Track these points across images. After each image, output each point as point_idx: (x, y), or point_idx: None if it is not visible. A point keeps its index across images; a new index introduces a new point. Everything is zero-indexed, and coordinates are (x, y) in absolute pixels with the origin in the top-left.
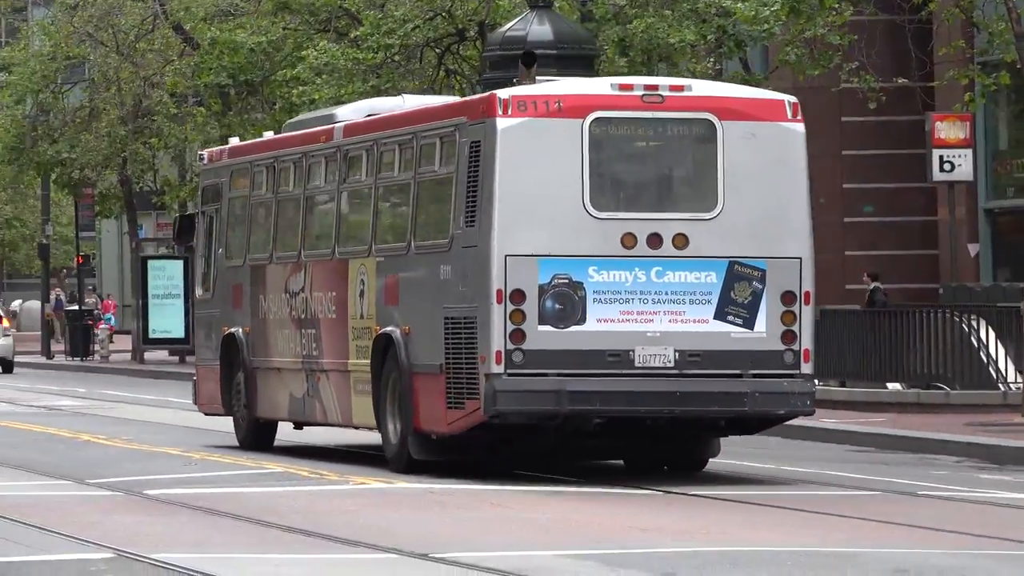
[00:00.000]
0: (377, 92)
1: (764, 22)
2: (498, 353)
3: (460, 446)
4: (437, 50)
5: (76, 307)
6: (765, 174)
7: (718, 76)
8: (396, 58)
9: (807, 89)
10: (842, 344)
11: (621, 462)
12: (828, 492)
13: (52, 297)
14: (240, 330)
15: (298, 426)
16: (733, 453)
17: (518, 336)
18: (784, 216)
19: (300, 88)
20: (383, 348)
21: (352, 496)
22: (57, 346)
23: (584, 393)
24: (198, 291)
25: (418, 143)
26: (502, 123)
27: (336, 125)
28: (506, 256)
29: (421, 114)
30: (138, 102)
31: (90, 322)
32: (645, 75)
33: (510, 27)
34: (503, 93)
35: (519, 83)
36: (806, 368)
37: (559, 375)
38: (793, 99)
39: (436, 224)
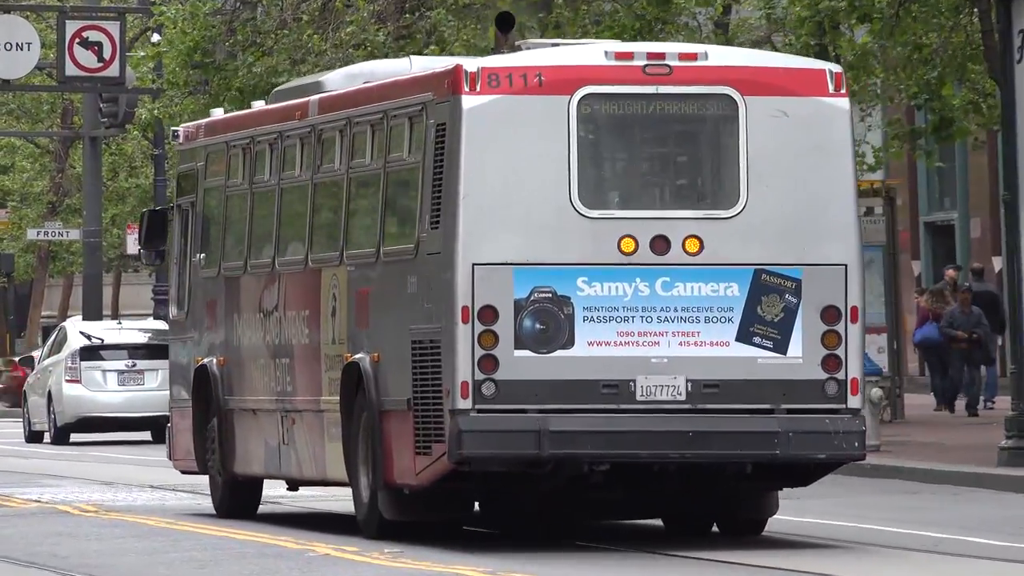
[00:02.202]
0: None
1: None
2: (464, 384)
3: (438, 502)
4: None
5: None
6: (800, 161)
7: None
8: None
9: None
10: None
11: (660, 522)
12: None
13: None
14: (215, 361)
15: (292, 487)
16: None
17: (489, 364)
18: (824, 213)
19: None
20: (355, 381)
21: None
22: None
23: (571, 434)
24: (172, 310)
25: (388, 124)
26: (469, 101)
27: (311, 99)
28: (473, 265)
29: (391, 87)
30: None
31: None
32: None
33: None
34: (470, 64)
35: (495, 52)
36: (854, 402)
37: (540, 412)
38: (836, 68)
39: (403, 226)
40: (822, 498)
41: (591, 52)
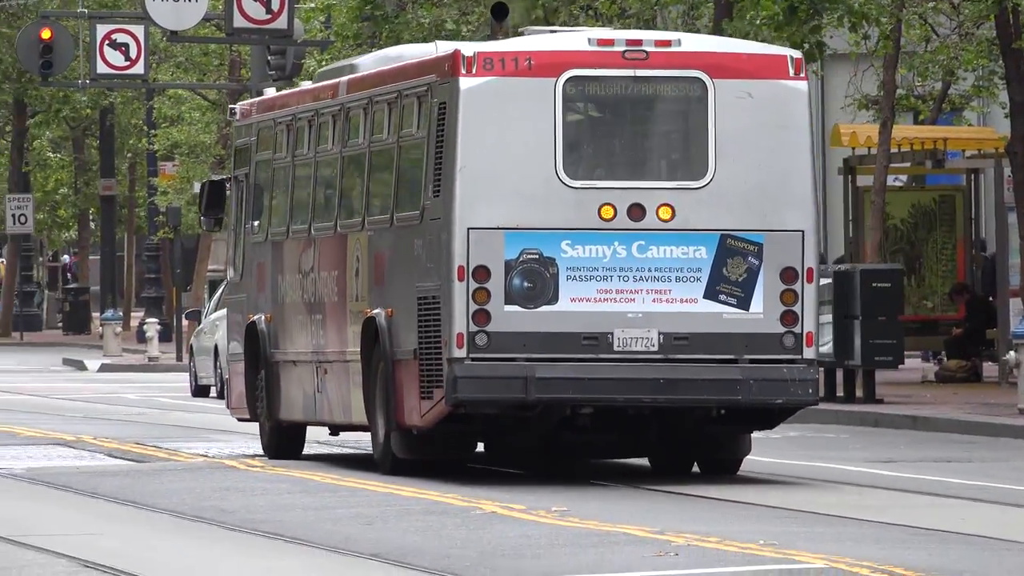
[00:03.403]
0: None
1: None
2: (459, 336)
3: (442, 442)
4: None
5: None
6: (763, 138)
7: None
8: None
9: None
10: None
11: (646, 461)
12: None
13: None
14: (262, 318)
15: (334, 431)
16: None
17: (482, 317)
18: (784, 184)
19: None
20: (373, 334)
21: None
22: None
23: (555, 380)
24: (229, 272)
25: (401, 103)
26: (465, 83)
27: (342, 80)
28: (468, 229)
29: (403, 70)
30: None
31: None
32: None
33: None
34: (467, 49)
35: (491, 38)
36: (808, 353)
37: (527, 360)
38: (797, 54)
39: (412, 194)
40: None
41: (576, 39)
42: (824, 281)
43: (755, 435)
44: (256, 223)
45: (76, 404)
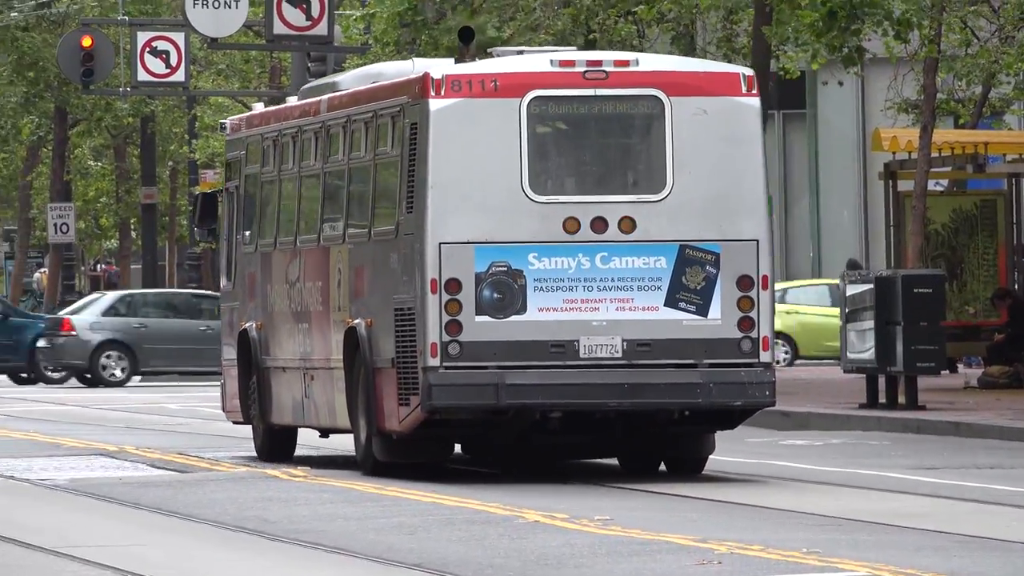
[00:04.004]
0: None
1: None
2: (433, 345)
3: (420, 446)
4: None
5: None
6: (717, 152)
7: None
8: None
9: None
10: None
11: (615, 461)
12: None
13: None
14: (253, 325)
15: (324, 434)
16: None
17: (454, 328)
18: (738, 196)
19: None
20: (354, 343)
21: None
22: None
23: (524, 386)
24: (222, 281)
25: (376, 122)
26: (435, 104)
27: (323, 98)
28: (440, 244)
29: (378, 91)
30: None
31: None
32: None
33: None
34: (436, 72)
35: (459, 61)
36: (765, 356)
37: (498, 368)
38: (749, 72)
39: (387, 210)
40: None
41: (539, 60)
42: (865, 287)
43: (798, 442)
44: (247, 234)
45: (118, 414)
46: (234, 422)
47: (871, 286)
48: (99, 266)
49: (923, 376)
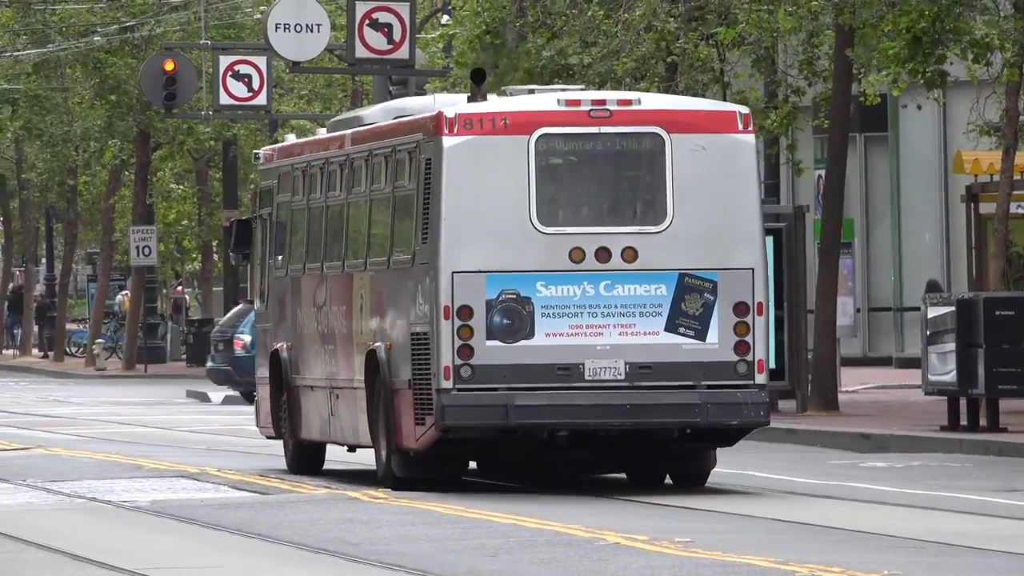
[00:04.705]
0: None
1: None
2: (446, 368)
3: (436, 462)
4: None
5: None
6: (715, 186)
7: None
8: None
9: None
10: None
11: (623, 476)
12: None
13: None
14: (284, 346)
15: (351, 449)
16: None
17: (466, 352)
18: (735, 227)
19: None
20: (375, 365)
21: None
22: None
23: (533, 407)
24: (256, 304)
25: (395, 156)
26: (448, 141)
27: (348, 132)
28: (453, 273)
29: (396, 127)
30: None
31: None
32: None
33: None
34: (449, 111)
35: (471, 100)
36: (760, 378)
37: (508, 389)
38: (745, 110)
39: (405, 240)
40: None
41: (546, 100)
42: (946, 309)
43: (878, 464)
44: (279, 259)
45: (200, 436)
46: (267, 437)
47: (952, 308)
48: (178, 288)
49: (1005, 398)
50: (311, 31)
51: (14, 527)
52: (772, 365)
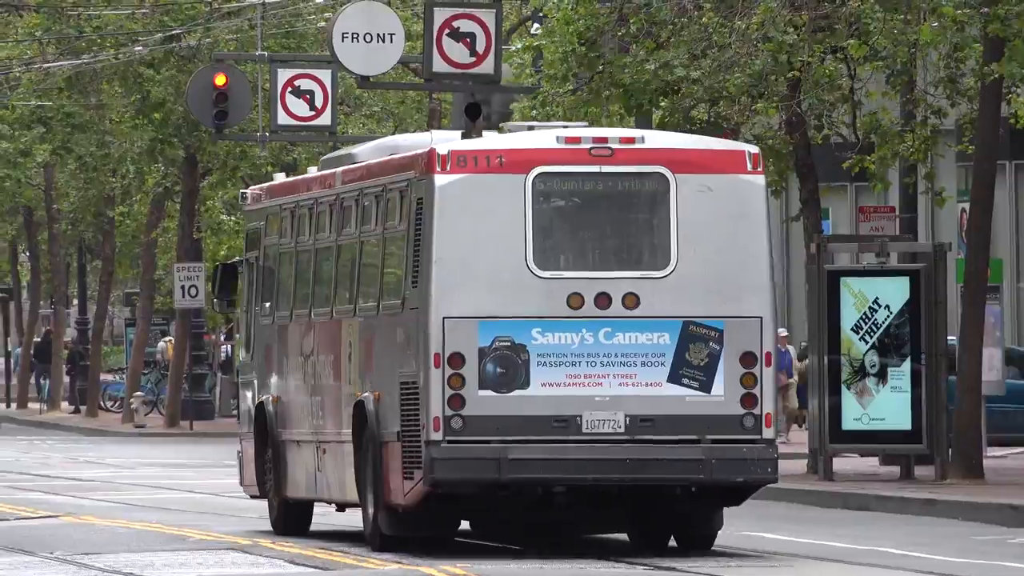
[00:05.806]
0: None
1: None
2: (436, 419)
3: (426, 520)
4: None
5: None
6: (722, 229)
7: None
8: None
9: None
10: None
11: (624, 536)
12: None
13: None
14: (270, 399)
15: (340, 508)
16: None
17: (457, 402)
18: (743, 273)
19: None
20: (363, 416)
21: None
22: None
23: (527, 461)
24: (241, 353)
25: (386, 196)
26: (440, 179)
27: (338, 170)
28: (444, 318)
29: (387, 165)
30: None
31: None
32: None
33: None
34: (442, 148)
35: (465, 136)
36: (768, 433)
37: (501, 442)
38: (754, 149)
39: (394, 284)
40: None
41: (545, 136)
42: None
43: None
44: (266, 305)
45: (251, 503)
46: (251, 496)
47: None
48: (221, 335)
49: None
50: (383, 41)
51: None
52: (908, 426)
